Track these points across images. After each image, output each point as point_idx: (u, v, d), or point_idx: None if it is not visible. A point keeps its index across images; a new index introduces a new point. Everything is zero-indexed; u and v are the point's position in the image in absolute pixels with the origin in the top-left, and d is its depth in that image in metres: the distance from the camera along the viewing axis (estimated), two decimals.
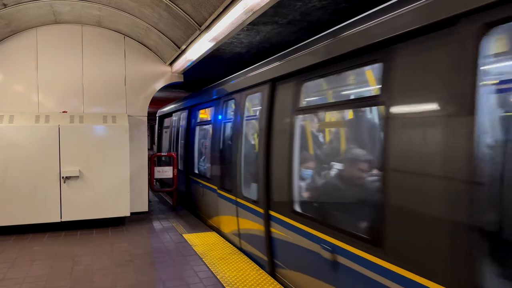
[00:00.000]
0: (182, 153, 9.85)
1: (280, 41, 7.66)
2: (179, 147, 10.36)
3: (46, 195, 7.05)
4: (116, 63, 8.22)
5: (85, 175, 7.24)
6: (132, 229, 7.39)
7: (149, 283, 4.78)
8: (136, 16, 7.11)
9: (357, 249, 3.16)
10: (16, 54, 7.58)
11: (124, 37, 8.29)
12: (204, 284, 4.64)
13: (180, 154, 10.11)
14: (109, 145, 7.40)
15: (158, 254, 5.89)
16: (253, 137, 5.90)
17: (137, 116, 8.32)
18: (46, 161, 7.04)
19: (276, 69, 4.84)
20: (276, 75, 4.79)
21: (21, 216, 6.92)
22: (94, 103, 8.04)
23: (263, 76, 5.20)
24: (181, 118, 10.45)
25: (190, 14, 5.88)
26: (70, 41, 7.90)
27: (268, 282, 4.63)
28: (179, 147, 10.36)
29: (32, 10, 6.90)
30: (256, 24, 6.42)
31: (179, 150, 10.39)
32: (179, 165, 10.01)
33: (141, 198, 8.24)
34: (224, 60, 8.92)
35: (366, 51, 3.14)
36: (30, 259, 5.66)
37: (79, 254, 5.89)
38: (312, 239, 3.86)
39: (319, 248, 3.69)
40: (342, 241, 3.38)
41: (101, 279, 4.89)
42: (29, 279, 4.90)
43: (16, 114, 7.18)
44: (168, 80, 8.71)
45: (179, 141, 10.42)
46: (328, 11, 5.67)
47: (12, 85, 7.57)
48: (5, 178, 6.84)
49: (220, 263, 5.34)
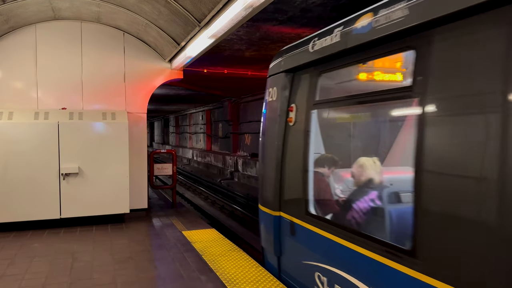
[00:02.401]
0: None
1: (280, 38, 7.64)
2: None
3: (46, 192, 7.04)
4: (115, 60, 8.19)
5: (84, 172, 7.23)
6: (131, 226, 7.39)
7: (149, 280, 4.78)
8: (135, 13, 7.08)
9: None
10: (15, 51, 7.55)
11: (123, 34, 8.26)
12: (203, 282, 4.64)
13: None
14: (108, 142, 7.39)
15: (157, 251, 5.88)
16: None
17: (136, 113, 8.31)
18: (45, 158, 7.03)
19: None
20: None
21: (20, 213, 6.92)
22: (94, 99, 8.02)
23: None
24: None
25: (189, 10, 5.86)
26: (69, 37, 7.87)
27: (268, 279, 4.63)
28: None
29: (31, 6, 6.87)
30: (256, 21, 6.41)
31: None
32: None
33: (140, 195, 8.23)
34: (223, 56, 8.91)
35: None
36: (29, 255, 5.66)
37: (78, 251, 5.88)
38: None
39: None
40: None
41: (100, 275, 4.89)
42: (28, 275, 4.90)
43: (15, 111, 7.16)
44: (168, 77, 8.69)
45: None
46: (328, 8, 5.66)
47: (11, 81, 7.55)
48: (5, 175, 6.83)
49: (220, 260, 5.34)
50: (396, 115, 4.31)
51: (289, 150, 4.22)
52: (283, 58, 4.39)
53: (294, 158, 4.12)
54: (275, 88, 4.47)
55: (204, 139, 29.49)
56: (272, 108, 4.56)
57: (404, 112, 3.83)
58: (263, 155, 4.84)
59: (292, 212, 4.18)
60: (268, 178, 4.61)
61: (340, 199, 4.27)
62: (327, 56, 3.55)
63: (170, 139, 44.58)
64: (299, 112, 4.06)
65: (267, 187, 4.62)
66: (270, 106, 4.62)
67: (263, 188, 4.81)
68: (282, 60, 4.40)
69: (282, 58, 4.43)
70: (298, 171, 4.03)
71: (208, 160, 26.16)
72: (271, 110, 4.60)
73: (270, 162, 4.50)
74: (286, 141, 4.27)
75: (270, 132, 4.58)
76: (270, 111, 4.63)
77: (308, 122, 3.90)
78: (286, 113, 4.28)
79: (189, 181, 21.36)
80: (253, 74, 12.11)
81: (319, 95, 3.84)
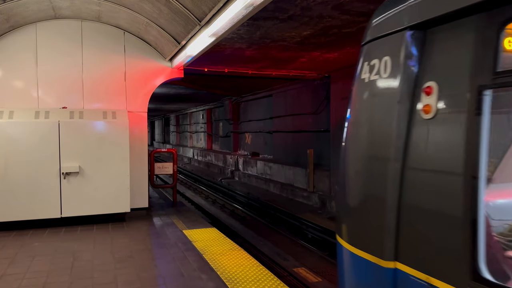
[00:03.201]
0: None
1: (281, 37, 7.63)
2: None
3: (46, 191, 7.04)
4: (116, 59, 8.19)
5: (85, 171, 7.24)
6: (132, 225, 7.39)
7: (149, 279, 4.78)
8: (136, 11, 7.08)
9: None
10: (16, 50, 7.55)
11: (124, 33, 8.26)
12: (204, 280, 4.64)
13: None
14: (109, 141, 7.39)
15: (158, 250, 5.89)
16: None
17: (137, 112, 8.31)
18: (46, 157, 7.03)
19: None
20: None
21: (21, 212, 6.92)
22: (94, 99, 8.02)
23: None
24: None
25: (190, 9, 5.85)
26: (69, 36, 7.87)
27: (269, 278, 4.63)
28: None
29: (31, 5, 6.86)
30: (256, 19, 6.39)
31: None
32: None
33: (141, 194, 8.24)
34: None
35: None
36: (30, 254, 5.67)
37: (79, 250, 5.89)
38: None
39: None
40: None
41: (101, 274, 4.89)
42: (29, 274, 4.90)
43: (16, 110, 7.16)
44: (168, 76, 8.69)
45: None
46: (329, 6, 5.64)
47: (12, 81, 7.55)
48: (5, 174, 6.83)
49: (220, 259, 5.34)
50: None
51: (423, 159, 2.48)
52: (405, 5, 2.61)
53: (439, 173, 2.38)
54: (386, 58, 2.75)
55: (205, 138, 29.49)
56: (379, 91, 2.79)
57: None
58: (353, 162, 3.00)
59: (433, 268, 2.26)
60: (368, 199, 2.78)
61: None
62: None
63: (170, 138, 44.59)
64: (450, 95, 2.39)
65: (366, 213, 2.75)
66: (375, 88, 2.80)
67: (353, 213, 2.90)
68: (402, 9, 2.62)
69: (401, 6, 2.64)
70: (448, 195, 2.27)
71: (208, 159, 26.17)
72: (376, 94, 2.81)
73: (376, 176, 2.72)
74: (414, 144, 2.53)
75: (375, 128, 2.81)
76: (374, 96, 2.83)
77: (474, 112, 2.21)
78: (413, 98, 2.56)
79: (190, 180, 21.37)
80: (253, 73, 12.10)
81: (503, 63, 2.14)
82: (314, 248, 8.89)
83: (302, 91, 14.78)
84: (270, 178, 16.22)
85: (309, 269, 7.42)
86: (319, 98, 13.44)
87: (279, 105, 16.79)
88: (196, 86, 16.12)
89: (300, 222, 10.50)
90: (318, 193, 12.43)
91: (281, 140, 16.70)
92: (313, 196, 12.67)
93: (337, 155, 2.99)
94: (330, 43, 8.12)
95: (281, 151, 16.69)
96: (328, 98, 12.39)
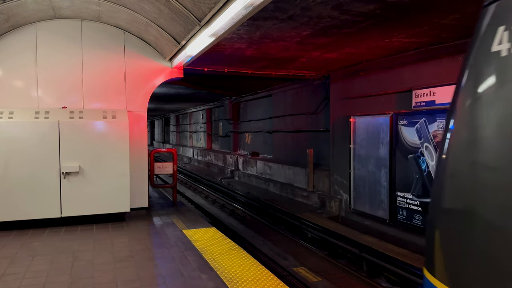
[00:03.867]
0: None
1: (280, 36, 7.64)
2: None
3: (46, 191, 7.05)
4: (115, 59, 8.20)
5: (85, 171, 7.24)
6: (132, 225, 7.40)
7: (149, 279, 4.78)
8: (136, 11, 7.08)
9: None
10: (16, 50, 7.55)
11: (123, 33, 8.27)
12: (204, 280, 4.65)
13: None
14: (109, 141, 7.39)
15: (158, 250, 5.89)
16: None
17: (137, 112, 8.32)
18: (46, 157, 7.03)
19: None
20: None
21: (21, 211, 6.92)
22: (94, 98, 8.03)
23: None
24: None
25: (190, 9, 5.86)
26: (69, 36, 7.87)
27: (268, 277, 4.64)
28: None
29: (31, 5, 6.87)
30: (256, 20, 6.40)
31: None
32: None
33: (141, 194, 8.25)
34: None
35: None
36: (30, 254, 5.67)
37: (79, 249, 5.89)
38: None
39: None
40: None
41: (101, 274, 4.90)
42: (29, 274, 4.90)
43: (15, 110, 7.17)
44: (168, 76, 8.70)
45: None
46: (329, 6, 5.64)
47: (12, 80, 7.55)
48: (5, 174, 6.83)
49: (220, 259, 5.35)
50: None
51: None
52: None
53: None
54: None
55: (205, 137, 29.48)
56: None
57: None
58: (461, 174, 1.85)
59: None
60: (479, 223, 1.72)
61: None
62: None
63: (170, 138, 44.58)
64: None
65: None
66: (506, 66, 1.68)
67: (456, 245, 1.84)
68: None
69: None
70: None
71: (208, 159, 26.17)
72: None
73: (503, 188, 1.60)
74: None
75: (503, 123, 1.66)
76: (504, 78, 1.69)
77: None
78: None
79: (190, 180, 21.38)
80: (253, 73, 12.10)
81: None
82: (314, 248, 8.91)
83: (301, 91, 14.79)
84: (270, 177, 16.23)
85: (309, 268, 7.43)
86: (318, 98, 13.45)
87: (279, 105, 16.79)
88: (196, 86, 16.12)
89: (300, 222, 10.51)
90: (318, 193, 12.44)
91: (280, 140, 16.70)
92: (312, 195, 12.68)
93: (337, 155, 2.54)
94: (330, 43, 8.12)
95: (280, 151, 16.70)
96: (328, 98, 12.40)
